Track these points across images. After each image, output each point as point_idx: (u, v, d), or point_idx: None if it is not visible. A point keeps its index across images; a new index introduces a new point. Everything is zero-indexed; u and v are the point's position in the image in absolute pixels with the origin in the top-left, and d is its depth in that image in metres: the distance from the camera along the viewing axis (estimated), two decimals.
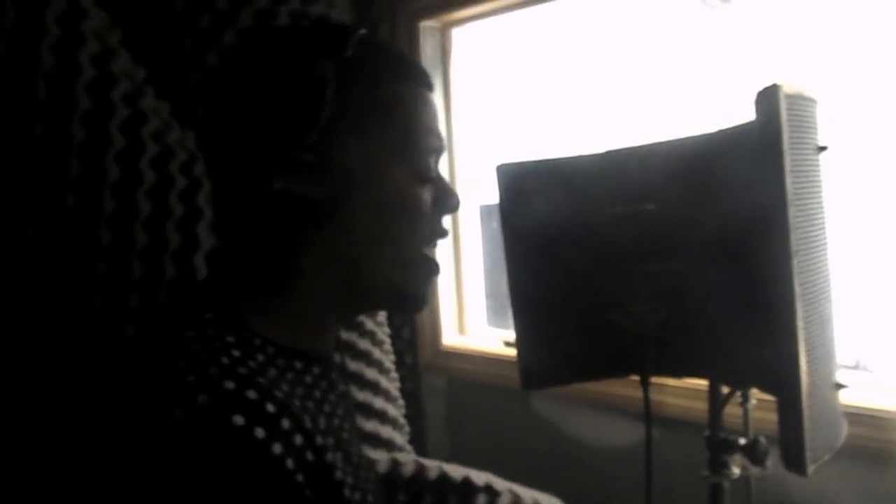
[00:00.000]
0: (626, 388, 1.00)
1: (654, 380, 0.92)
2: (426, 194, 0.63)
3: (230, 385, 0.49)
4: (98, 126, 0.71)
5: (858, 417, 1.13)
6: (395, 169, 0.61)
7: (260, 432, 0.48)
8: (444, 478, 1.03)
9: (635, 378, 0.92)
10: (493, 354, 1.63)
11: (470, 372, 1.69)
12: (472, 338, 1.77)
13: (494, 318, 1.77)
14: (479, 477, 1.05)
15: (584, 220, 0.89)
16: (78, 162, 0.68)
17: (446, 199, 0.65)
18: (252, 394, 0.49)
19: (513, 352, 0.95)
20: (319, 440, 0.53)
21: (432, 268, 0.65)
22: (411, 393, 1.75)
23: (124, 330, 0.72)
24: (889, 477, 1.12)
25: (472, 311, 1.78)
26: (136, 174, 0.73)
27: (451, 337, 1.77)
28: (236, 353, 0.53)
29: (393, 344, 1.65)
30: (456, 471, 1.05)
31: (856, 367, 1.41)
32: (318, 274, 0.60)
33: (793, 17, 1.29)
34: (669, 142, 0.86)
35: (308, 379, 0.59)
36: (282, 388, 0.53)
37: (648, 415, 0.91)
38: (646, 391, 0.91)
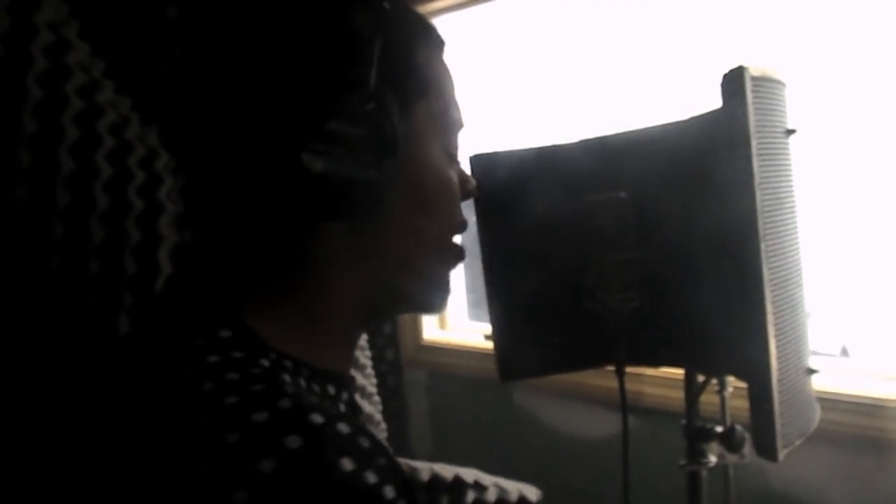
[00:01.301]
0: (606, 378, 0.99)
1: (632, 370, 0.91)
2: (455, 176, 0.55)
3: (318, 419, 0.38)
4: (50, 118, 0.69)
5: (839, 404, 1.13)
6: (431, 146, 0.52)
7: (371, 476, 0.37)
8: (435, 478, 1.02)
9: (612, 368, 0.91)
10: (474, 348, 1.62)
11: (452, 366, 1.68)
12: (453, 332, 1.76)
13: (475, 311, 1.76)
14: (468, 474, 1.05)
15: (559, 209, 0.88)
16: (29, 154, 0.66)
17: (466, 183, 0.58)
18: (343, 427, 0.39)
19: (492, 344, 0.94)
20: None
21: (460, 256, 0.57)
22: (393, 388, 1.74)
23: (84, 329, 0.70)
24: (868, 463, 1.12)
25: (452, 306, 1.78)
26: (92, 167, 0.72)
27: (433, 331, 1.76)
28: (286, 377, 0.43)
29: (374, 340, 1.64)
30: (446, 470, 1.05)
31: (842, 354, 1.42)
32: (341, 272, 0.50)
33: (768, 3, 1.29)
34: (642, 130, 0.85)
35: (342, 407, 0.51)
36: None
37: (624, 404, 0.90)
38: (621, 381, 0.90)
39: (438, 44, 0.55)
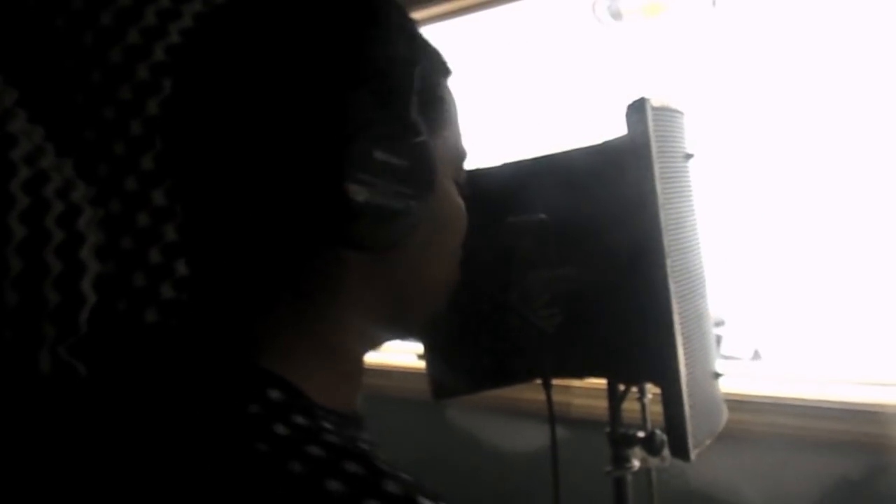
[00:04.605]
0: (536, 392, 1.03)
1: (559, 382, 0.95)
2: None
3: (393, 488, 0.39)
4: None
5: (750, 405, 1.21)
6: (448, 175, 0.51)
7: None
8: None
9: (539, 381, 0.95)
10: (407, 368, 1.63)
11: (385, 387, 1.68)
12: (385, 353, 1.76)
13: None
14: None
15: (483, 229, 0.91)
16: None
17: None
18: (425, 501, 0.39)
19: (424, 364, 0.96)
20: None
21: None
22: None
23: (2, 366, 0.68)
24: (779, 460, 1.20)
25: None
26: (7, 197, 0.70)
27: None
28: (361, 449, 0.42)
29: None
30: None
31: (754, 358, 1.52)
32: (356, 301, 0.48)
33: (678, 36, 1.38)
34: (558, 154, 0.90)
35: (366, 447, 0.48)
36: None
37: (552, 416, 0.93)
38: (548, 394, 0.93)
39: (449, 73, 0.53)
